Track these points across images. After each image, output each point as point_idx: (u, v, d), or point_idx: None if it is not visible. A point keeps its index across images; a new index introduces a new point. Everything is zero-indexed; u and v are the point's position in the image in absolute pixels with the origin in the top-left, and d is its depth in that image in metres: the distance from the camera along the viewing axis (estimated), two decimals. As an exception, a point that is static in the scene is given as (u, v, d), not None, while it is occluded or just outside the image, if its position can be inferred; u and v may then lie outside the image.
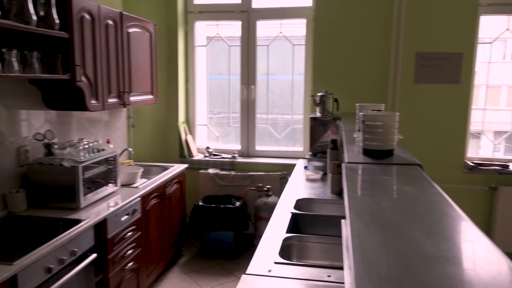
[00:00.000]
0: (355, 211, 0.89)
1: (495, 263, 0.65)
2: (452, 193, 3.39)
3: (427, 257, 0.67)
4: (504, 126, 3.87)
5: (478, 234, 0.76)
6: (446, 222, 0.84)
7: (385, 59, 3.64)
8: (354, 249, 0.69)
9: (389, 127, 1.51)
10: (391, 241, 0.74)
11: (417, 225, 0.82)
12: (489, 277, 0.62)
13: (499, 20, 3.68)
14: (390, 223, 0.84)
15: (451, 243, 0.73)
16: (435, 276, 0.60)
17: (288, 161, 3.91)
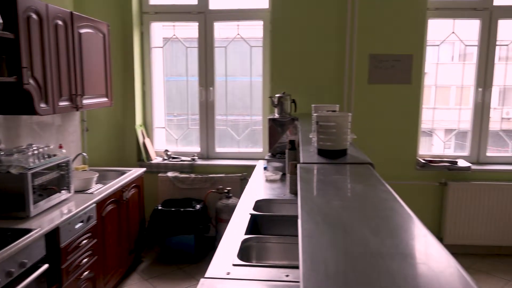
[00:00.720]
0: (307, 211, 0.91)
1: (438, 259, 0.68)
2: (405, 189, 3.55)
3: (373, 253, 0.69)
4: (453, 124, 4.07)
5: (423, 231, 0.79)
6: (393, 219, 0.87)
7: (340, 60, 3.73)
8: (303, 248, 0.70)
9: (342, 127, 1.55)
10: (339, 240, 0.75)
11: (365, 223, 0.84)
12: (432, 272, 0.64)
13: (445, 23, 3.87)
14: (340, 221, 0.86)
15: (397, 239, 0.76)
16: (379, 272, 0.62)
17: (248, 162, 3.92)
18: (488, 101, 3.85)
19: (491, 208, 3.71)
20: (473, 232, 3.75)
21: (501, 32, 3.79)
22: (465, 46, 3.93)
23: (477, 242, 3.77)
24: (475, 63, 3.84)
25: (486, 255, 3.83)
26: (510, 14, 3.77)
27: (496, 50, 3.82)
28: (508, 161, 3.93)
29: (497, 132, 4.04)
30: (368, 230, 0.80)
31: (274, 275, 1.55)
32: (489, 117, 3.88)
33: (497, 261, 3.71)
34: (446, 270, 0.63)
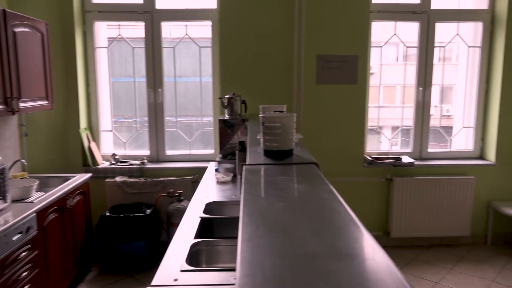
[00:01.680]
0: (248, 214, 0.90)
1: (375, 260, 0.69)
2: (354, 186, 3.65)
3: (312, 255, 0.69)
4: (399, 122, 4.24)
5: (362, 231, 0.81)
6: (333, 219, 0.88)
7: (289, 61, 3.78)
8: (241, 252, 0.69)
9: (288, 128, 1.55)
10: (279, 242, 0.75)
11: (305, 224, 0.84)
12: (368, 272, 0.65)
13: (388, 26, 4.03)
14: (281, 223, 0.85)
15: (336, 240, 0.76)
16: (317, 274, 0.62)
17: (200, 164, 3.87)
18: (428, 99, 4.06)
19: (433, 201, 3.91)
20: (417, 225, 3.93)
21: (439, 34, 4.00)
22: (406, 47, 4.11)
23: (421, 234, 3.96)
24: (416, 63, 4.03)
25: (430, 246, 4.03)
26: (446, 17, 3.99)
27: (436, 51, 4.03)
28: (447, 156, 4.16)
29: (437, 129, 4.27)
30: (308, 231, 0.80)
31: (223, 278, 1.53)
32: (430, 115, 4.09)
33: (440, 251, 3.91)
34: (382, 270, 0.64)
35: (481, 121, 4.13)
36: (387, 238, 4.01)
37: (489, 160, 4.05)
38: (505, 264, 3.63)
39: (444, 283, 3.29)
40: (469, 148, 4.20)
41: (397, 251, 3.92)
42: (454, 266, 3.60)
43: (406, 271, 3.49)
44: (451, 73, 4.40)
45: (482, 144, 4.16)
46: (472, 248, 3.99)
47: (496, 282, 3.30)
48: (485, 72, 4.06)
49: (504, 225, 4.06)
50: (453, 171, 3.99)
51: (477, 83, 4.09)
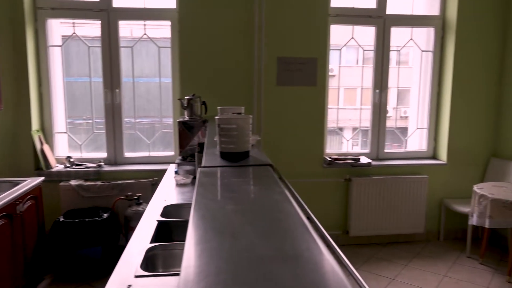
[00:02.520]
0: (198, 217, 0.88)
1: (321, 262, 0.69)
2: (314, 186, 3.70)
3: (258, 258, 0.68)
4: (359, 123, 4.34)
5: (310, 232, 0.81)
6: (283, 221, 0.88)
7: (250, 62, 3.78)
8: (186, 257, 0.68)
9: (243, 130, 1.55)
10: (226, 245, 0.74)
11: (255, 226, 0.84)
12: (314, 275, 0.65)
13: (347, 29, 4.12)
14: (230, 226, 0.84)
15: (283, 242, 0.76)
16: (262, 277, 0.62)
17: (160, 166, 3.80)
18: (384, 101, 4.19)
19: (389, 200, 4.03)
20: (375, 223, 4.04)
21: (394, 39, 4.14)
22: (363, 50, 4.22)
23: (378, 232, 4.08)
24: (372, 66, 4.15)
25: (387, 243, 4.16)
26: (401, 22, 4.13)
27: (392, 55, 4.17)
28: (403, 157, 4.31)
29: (393, 130, 4.41)
30: (257, 234, 0.80)
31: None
32: (386, 117, 4.22)
33: (396, 248, 4.04)
34: (325, 272, 0.64)
35: (434, 122, 4.31)
36: (346, 237, 4.10)
37: (441, 160, 4.23)
38: (456, 259, 3.80)
39: (400, 279, 3.40)
40: (423, 148, 4.37)
41: (356, 249, 4.01)
42: (409, 262, 3.73)
43: (364, 268, 3.58)
44: (407, 76, 4.56)
45: (434, 144, 4.35)
46: (426, 245, 4.15)
47: (448, 277, 3.45)
48: (437, 75, 4.25)
49: (455, 221, 4.26)
50: (408, 170, 4.14)
51: (429, 86, 4.27)
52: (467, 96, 4.12)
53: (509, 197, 3.27)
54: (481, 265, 3.67)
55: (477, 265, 3.67)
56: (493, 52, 4.10)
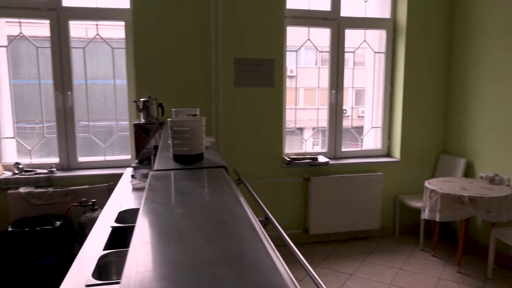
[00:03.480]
0: (145, 222, 0.86)
1: (267, 265, 0.69)
2: (273, 186, 3.72)
3: (203, 262, 0.68)
4: (319, 123, 4.40)
5: (258, 234, 0.81)
6: (231, 223, 0.88)
7: (207, 64, 3.76)
8: (128, 262, 0.66)
9: (197, 132, 1.53)
10: (171, 250, 0.73)
11: (202, 229, 0.83)
12: (253, 277, 0.65)
13: (303, 31, 4.19)
14: (178, 230, 0.83)
15: (229, 244, 0.76)
16: (205, 281, 0.61)
17: (116, 170, 3.69)
18: (340, 102, 4.29)
19: (347, 198, 4.13)
20: (333, 221, 4.13)
21: (349, 40, 4.25)
22: (319, 52, 4.30)
23: (337, 229, 4.17)
24: (328, 67, 4.24)
25: (346, 240, 4.26)
26: (354, 24, 4.25)
27: (348, 56, 4.28)
28: (359, 155, 4.43)
29: (350, 129, 4.53)
30: (204, 237, 0.79)
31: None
32: (342, 116, 4.32)
33: (354, 244, 4.15)
34: (269, 274, 0.65)
35: (388, 122, 4.47)
36: (306, 235, 4.16)
37: (395, 157, 4.39)
38: (410, 252, 3.95)
39: (358, 275, 3.50)
40: (378, 147, 4.52)
41: (316, 247, 4.08)
42: (367, 257, 3.84)
43: (324, 265, 3.65)
44: (363, 77, 4.70)
45: (389, 142, 4.50)
46: (382, 240, 4.29)
47: (403, 270, 3.58)
48: (389, 76, 4.40)
49: (409, 216, 4.43)
50: (364, 168, 4.26)
51: (383, 86, 4.42)
52: (418, 96, 4.29)
53: (457, 191, 3.44)
54: (434, 257, 3.84)
55: (429, 257, 3.83)
56: (441, 53, 4.30)
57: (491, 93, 3.81)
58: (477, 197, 3.33)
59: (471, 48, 4.04)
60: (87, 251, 1.82)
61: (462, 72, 4.16)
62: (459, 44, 4.20)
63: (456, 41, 4.24)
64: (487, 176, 3.79)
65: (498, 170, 3.73)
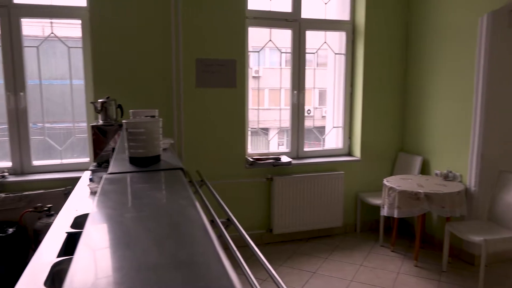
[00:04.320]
0: (93, 228, 0.83)
1: (216, 268, 0.69)
2: (237, 187, 3.72)
3: (150, 266, 0.66)
4: (284, 123, 4.44)
5: (209, 236, 0.80)
6: (183, 225, 0.87)
7: (168, 64, 3.70)
8: (72, 270, 0.63)
9: (153, 133, 1.51)
10: (118, 256, 0.71)
11: (153, 233, 0.82)
12: (201, 281, 0.64)
13: (267, 32, 4.21)
14: (126, 235, 0.81)
15: (179, 248, 0.75)
16: (150, 286, 0.60)
17: (74, 174, 3.57)
18: (302, 102, 4.34)
19: (309, 197, 4.19)
20: (297, 220, 4.18)
21: (310, 42, 4.32)
22: (281, 53, 4.34)
23: (301, 228, 4.22)
24: (290, 68, 4.29)
25: (309, 238, 4.32)
26: (315, 26, 4.32)
27: (311, 57, 4.34)
28: (321, 154, 4.51)
29: (311, 129, 4.60)
30: (153, 241, 0.77)
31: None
32: (304, 117, 4.38)
33: (317, 243, 4.22)
34: (217, 277, 0.64)
35: (348, 121, 4.57)
36: (270, 235, 4.19)
37: (356, 156, 4.50)
38: (371, 249, 4.06)
39: (321, 272, 3.55)
40: (339, 146, 4.61)
41: (280, 246, 4.12)
42: (329, 255, 3.91)
43: (287, 264, 3.68)
44: (326, 77, 4.78)
45: (349, 142, 4.61)
46: (344, 237, 4.38)
47: (363, 266, 3.67)
48: (349, 77, 4.50)
49: (370, 213, 4.55)
50: (326, 167, 4.33)
51: (343, 87, 4.51)
52: (376, 96, 4.42)
53: (414, 188, 3.57)
54: (393, 253, 3.96)
55: (389, 253, 3.96)
56: (398, 54, 4.45)
57: (444, 93, 3.98)
58: (432, 194, 3.47)
59: (425, 49, 4.20)
60: (40, 259, 1.75)
61: (417, 72, 4.32)
62: (414, 45, 4.36)
63: (411, 42, 4.40)
64: (442, 173, 3.95)
65: (452, 167, 3.90)
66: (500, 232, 3.27)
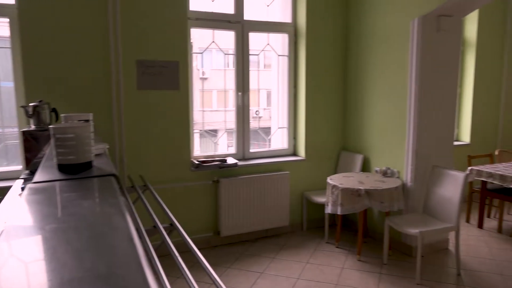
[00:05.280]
0: (6, 243, 0.77)
1: (135, 280, 0.66)
2: (182, 190, 3.65)
3: (65, 281, 0.62)
4: (230, 124, 4.41)
5: (134, 245, 0.77)
6: (107, 236, 0.83)
7: (106, 66, 3.56)
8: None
9: (83, 139, 1.43)
10: (33, 271, 0.66)
11: (73, 246, 0.77)
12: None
13: (208, 33, 4.18)
14: (45, 249, 0.76)
15: (99, 260, 0.71)
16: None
17: (4, 183, 3.33)
18: (247, 103, 4.36)
19: (256, 198, 4.21)
20: (244, 222, 4.18)
21: (254, 43, 4.34)
22: (224, 54, 4.33)
23: (249, 229, 4.23)
24: (234, 70, 4.29)
25: (257, 239, 4.34)
26: (258, 28, 4.35)
27: (261, 58, 4.36)
28: (267, 155, 4.55)
29: (257, 130, 4.63)
30: (72, 254, 0.73)
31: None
32: (249, 118, 4.40)
33: (265, 243, 4.25)
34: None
35: (293, 122, 4.65)
36: (218, 238, 4.16)
37: (300, 156, 4.59)
38: (317, 246, 4.16)
39: (268, 272, 3.58)
40: (285, 146, 4.68)
41: (228, 248, 4.10)
42: (276, 254, 3.96)
43: (235, 266, 3.68)
44: (270, 79, 4.82)
45: (294, 142, 4.69)
46: (291, 236, 4.45)
47: (310, 263, 3.75)
48: (293, 78, 4.59)
49: (315, 211, 4.66)
50: (271, 168, 4.38)
51: (287, 88, 4.59)
52: (319, 97, 4.54)
53: (355, 185, 3.70)
54: (338, 249, 4.08)
55: (334, 249, 4.07)
56: (338, 56, 4.60)
57: (381, 93, 4.16)
58: (372, 190, 3.61)
59: (363, 51, 4.37)
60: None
61: (356, 74, 4.49)
62: (353, 47, 4.52)
63: (350, 44, 4.56)
64: (381, 169, 4.13)
65: (390, 164, 4.09)
66: (434, 224, 3.47)
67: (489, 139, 5.76)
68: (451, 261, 3.75)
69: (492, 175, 4.27)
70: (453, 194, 3.47)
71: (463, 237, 4.32)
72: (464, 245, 4.12)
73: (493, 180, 4.26)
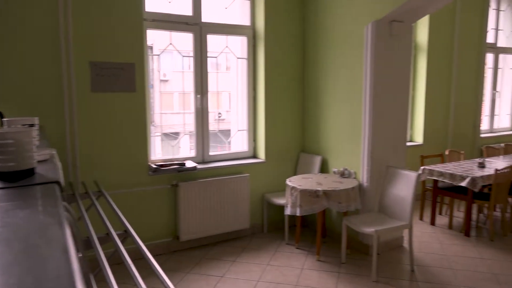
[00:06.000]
0: None
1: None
2: (140, 195, 3.56)
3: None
4: (190, 127, 4.35)
5: (69, 256, 0.74)
6: (41, 248, 0.78)
7: (57, 68, 3.42)
8: None
9: (24, 144, 1.36)
10: (-52, 292, 0.61)
11: (1, 259, 0.72)
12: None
13: (165, 34, 4.11)
14: (-32, 265, 0.71)
15: (29, 274, 0.67)
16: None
17: None
18: (206, 106, 4.32)
19: (216, 201, 4.18)
20: (204, 225, 4.14)
21: (212, 45, 4.32)
22: (182, 56, 4.27)
23: (209, 233, 4.19)
24: (193, 72, 4.25)
25: (217, 242, 4.31)
26: (216, 30, 4.33)
27: (222, 61, 4.33)
28: (227, 158, 4.53)
29: (216, 133, 4.60)
30: (0, 268, 0.68)
31: None
32: (208, 120, 4.37)
33: (225, 246, 4.22)
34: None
35: (252, 124, 4.66)
36: (177, 243, 4.09)
37: (260, 158, 4.61)
38: (277, 248, 4.18)
39: (228, 275, 3.56)
40: (245, 149, 4.68)
41: (187, 253, 4.04)
42: (237, 257, 3.94)
43: (195, 271, 3.63)
44: (230, 81, 4.81)
45: (254, 144, 4.70)
46: (252, 238, 4.45)
47: (270, 265, 3.77)
48: (252, 81, 4.60)
49: (276, 213, 4.69)
50: (232, 170, 4.36)
51: (246, 91, 4.60)
52: (278, 99, 4.57)
53: (313, 187, 3.75)
54: (298, 249, 4.13)
55: (294, 250, 4.11)
56: (296, 59, 4.66)
57: (338, 96, 4.26)
58: (329, 191, 3.68)
59: (320, 55, 4.45)
60: None
61: (314, 77, 4.57)
62: (310, 51, 4.60)
63: (308, 48, 4.63)
64: (338, 170, 4.22)
65: (347, 165, 4.19)
66: (388, 223, 3.58)
67: (440, 140, 6.03)
68: (406, 257, 3.89)
69: (442, 174, 4.47)
70: (406, 193, 3.60)
71: (416, 234, 4.49)
72: (418, 242, 4.28)
73: (443, 179, 4.46)
